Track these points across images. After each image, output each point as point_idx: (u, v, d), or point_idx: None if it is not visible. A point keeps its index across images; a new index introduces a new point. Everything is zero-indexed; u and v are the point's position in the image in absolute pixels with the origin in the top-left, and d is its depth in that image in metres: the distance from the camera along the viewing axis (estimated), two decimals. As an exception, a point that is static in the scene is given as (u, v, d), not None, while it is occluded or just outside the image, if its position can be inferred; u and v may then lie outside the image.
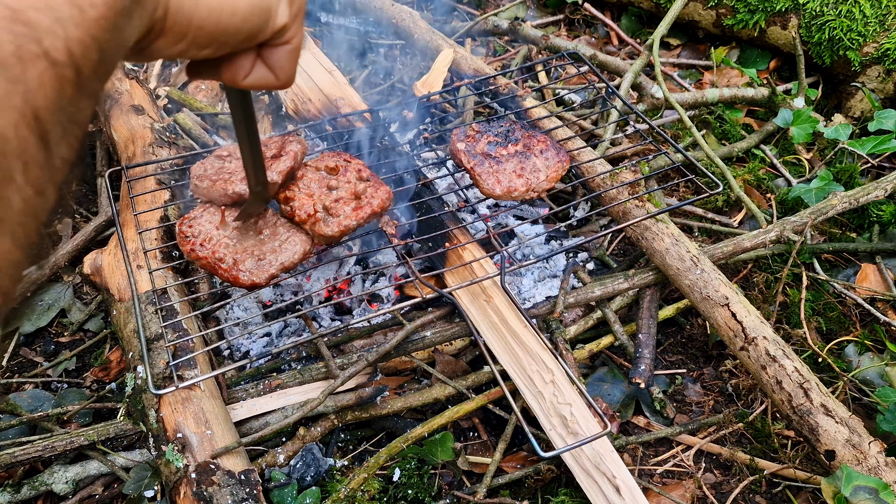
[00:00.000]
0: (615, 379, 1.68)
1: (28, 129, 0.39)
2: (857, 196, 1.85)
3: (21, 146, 0.39)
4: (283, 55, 0.67)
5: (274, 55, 0.67)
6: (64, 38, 0.41)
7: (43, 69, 0.40)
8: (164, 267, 1.62)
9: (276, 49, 0.66)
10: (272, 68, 0.68)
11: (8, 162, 0.38)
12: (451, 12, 3.00)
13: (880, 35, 2.30)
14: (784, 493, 1.49)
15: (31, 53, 0.39)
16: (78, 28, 0.42)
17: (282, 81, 0.69)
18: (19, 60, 0.39)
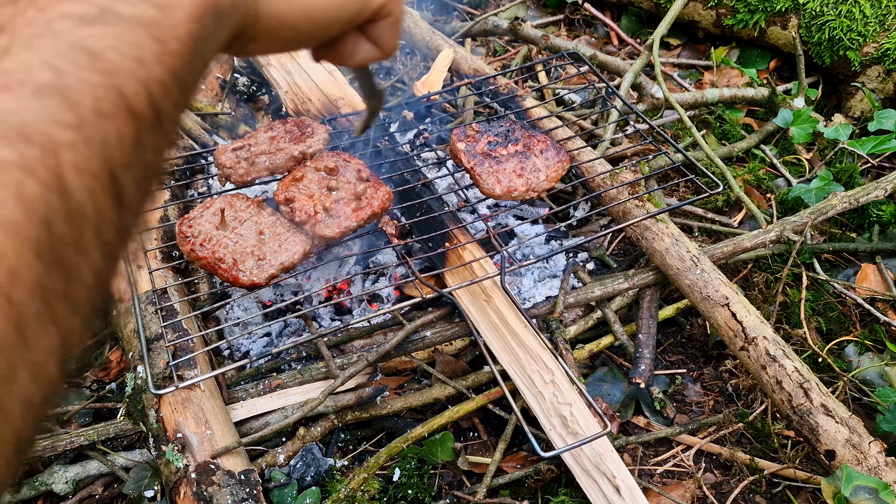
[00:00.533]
0: (615, 379, 1.68)
1: (105, 193, 0.34)
2: (857, 196, 1.85)
3: (97, 214, 0.34)
4: (385, 29, 0.64)
5: (376, 31, 0.64)
6: (145, 81, 0.37)
7: (123, 121, 0.35)
8: (164, 267, 1.62)
9: (377, 24, 0.64)
10: (376, 43, 0.65)
11: (84, 236, 0.33)
12: (451, 12, 3.00)
13: (880, 35, 2.30)
14: (784, 493, 1.49)
15: (111, 106, 0.35)
16: (160, 65, 0.38)
17: (387, 53, 0.67)
18: (99, 116, 0.34)
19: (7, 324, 0.29)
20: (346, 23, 0.57)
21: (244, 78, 2.53)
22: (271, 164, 1.57)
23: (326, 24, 0.55)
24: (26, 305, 0.30)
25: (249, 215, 1.49)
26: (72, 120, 0.33)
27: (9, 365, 0.29)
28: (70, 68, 0.34)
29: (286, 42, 0.53)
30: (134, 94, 0.36)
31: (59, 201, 0.32)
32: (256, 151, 1.59)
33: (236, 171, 1.56)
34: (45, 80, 0.33)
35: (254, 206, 1.52)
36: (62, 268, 0.32)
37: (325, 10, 0.53)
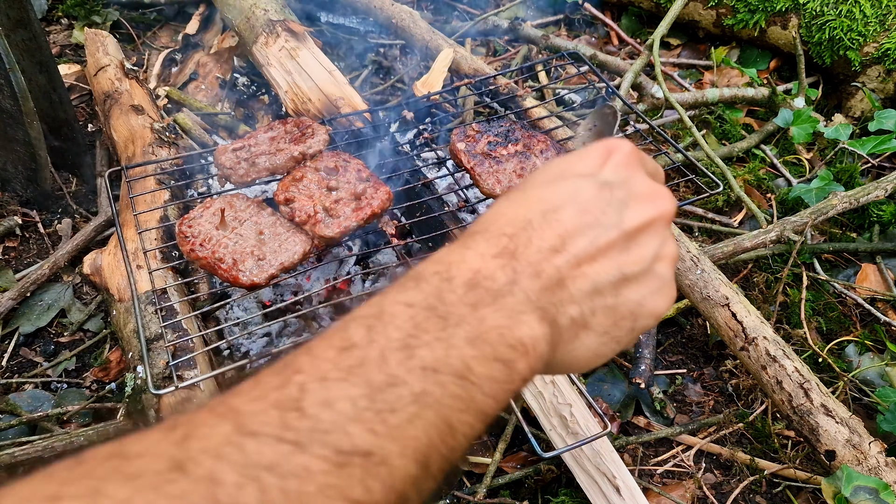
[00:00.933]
0: (615, 379, 1.68)
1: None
2: (857, 196, 1.85)
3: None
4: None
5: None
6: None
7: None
8: (164, 267, 1.61)
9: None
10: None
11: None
12: (451, 12, 3.00)
13: (880, 35, 2.30)
14: (784, 493, 1.49)
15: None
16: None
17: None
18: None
19: None
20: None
21: (244, 78, 2.53)
22: (271, 165, 1.57)
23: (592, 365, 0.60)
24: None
25: (249, 215, 1.49)
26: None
27: None
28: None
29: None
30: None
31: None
32: (256, 152, 1.59)
33: (236, 171, 1.56)
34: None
35: (254, 207, 1.51)
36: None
37: (595, 362, 0.58)
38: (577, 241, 0.53)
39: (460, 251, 0.52)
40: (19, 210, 2.10)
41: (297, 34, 2.22)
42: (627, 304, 0.55)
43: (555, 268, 0.52)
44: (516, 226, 0.54)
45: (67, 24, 2.84)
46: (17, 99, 1.88)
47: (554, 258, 0.52)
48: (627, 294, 0.55)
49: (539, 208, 0.55)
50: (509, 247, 0.52)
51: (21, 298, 1.84)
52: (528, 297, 0.50)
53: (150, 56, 2.71)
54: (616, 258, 0.55)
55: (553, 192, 0.56)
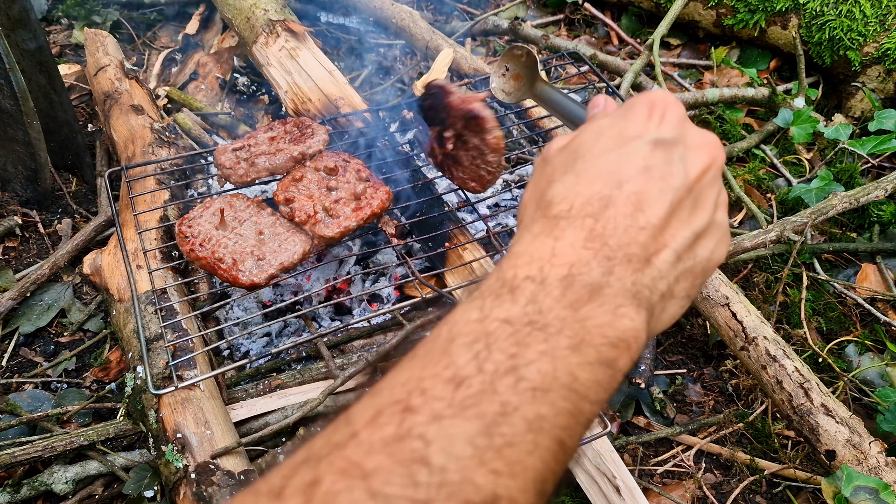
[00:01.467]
0: (615, 379, 1.67)
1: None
2: (857, 196, 1.85)
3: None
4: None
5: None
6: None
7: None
8: (164, 267, 1.61)
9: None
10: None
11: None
12: (451, 12, 3.00)
13: (880, 35, 2.30)
14: (784, 493, 1.49)
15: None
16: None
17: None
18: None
19: None
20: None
21: (244, 78, 2.53)
22: (271, 165, 1.57)
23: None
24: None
25: (249, 215, 1.49)
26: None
27: None
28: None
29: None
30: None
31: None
32: (256, 152, 1.59)
33: (236, 171, 1.56)
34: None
35: (253, 207, 1.51)
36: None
37: (670, 325, 0.59)
38: (654, 211, 0.53)
39: (549, 243, 0.52)
40: (19, 210, 2.10)
41: (297, 34, 2.22)
42: (700, 262, 0.56)
43: (641, 245, 0.52)
44: (597, 205, 0.53)
45: (67, 24, 2.84)
46: (17, 99, 1.88)
47: (639, 235, 0.52)
48: (699, 251, 0.56)
49: (613, 181, 0.54)
50: (596, 229, 0.52)
51: (21, 298, 1.84)
52: (624, 286, 0.50)
53: (150, 56, 2.71)
54: (687, 218, 0.55)
55: (619, 162, 0.55)
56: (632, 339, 0.49)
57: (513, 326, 0.46)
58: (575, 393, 0.45)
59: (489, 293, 0.50)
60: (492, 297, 0.49)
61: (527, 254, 0.52)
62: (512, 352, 0.45)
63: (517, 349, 0.45)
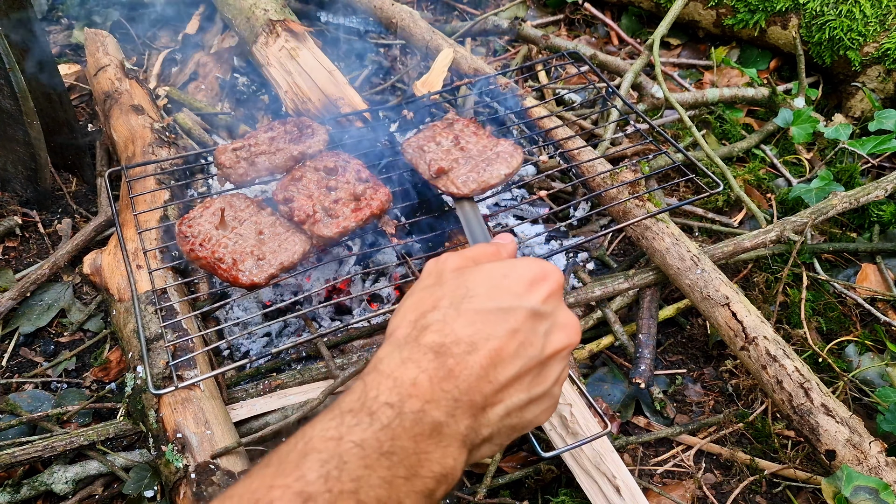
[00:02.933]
0: (615, 379, 1.68)
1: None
2: (857, 196, 1.85)
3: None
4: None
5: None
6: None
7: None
8: (164, 267, 1.61)
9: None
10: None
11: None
12: (451, 12, 3.00)
13: (880, 35, 2.30)
14: (784, 493, 1.49)
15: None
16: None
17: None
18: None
19: None
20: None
21: (244, 78, 2.53)
22: (271, 165, 1.57)
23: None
24: None
25: (249, 215, 1.49)
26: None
27: None
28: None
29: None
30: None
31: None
32: (256, 151, 1.59)
33: (236, 171, 1.56)
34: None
35: (253, 206, 1.51)
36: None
37: (479, 459, 0.69)
38: (506, 371, 0.62)
39: (413, 372, 0.59)
40: (19, 210, 2.10)
41: (297, 34, 2.22)
42: (523, 422, 0.65)
43: (483, 396, 0.60)
44: (464, 348, 0.61)
45: (67, 24, 2.84)
46: (17, 99, 1.88)
47: (485, 387, 0.61)
48: (526, 414, 0.65)
49: (485, 332, 0.62)
50: (455, 372, 0.60)
51: (21, 298, 1.84)
52: (459, 429, 0.59)
53: (150, 56, 2.71)
54: (529, 384, 0.64)
55: (496, 317, 0.63)
56: (450, 474, 0.58)
57: (364, 451, 0.54)
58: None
59: (349, 410, 0.57)
60: (351, 415, 0.57)
61: (392, 377, 0.59)
62: (358, 475, 0.53)
63: (363, 472, 0.53)
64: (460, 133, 1.65)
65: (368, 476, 0.53)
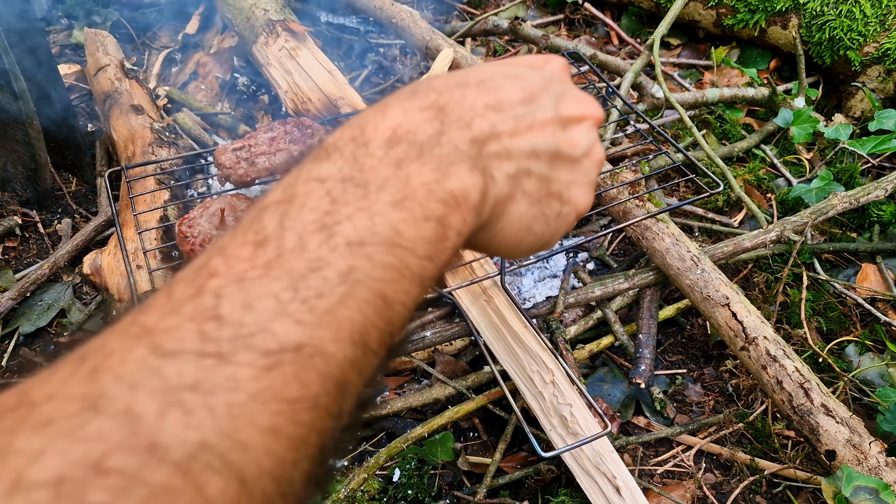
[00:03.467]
0: (615, 379, 1.68)
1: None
2: (857, 196, 1.85)
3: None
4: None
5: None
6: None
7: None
8: (164, 267, 1.61)
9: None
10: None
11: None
12: (451, 12, 3.00)
13: (881, 35, 2.30)
14: (784, 493, 1.49)
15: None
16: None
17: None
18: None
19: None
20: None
21: (244, 78, 2.53)
22: (271, 165, 1.57)
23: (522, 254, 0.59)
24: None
25: (249, 215, 1.49)
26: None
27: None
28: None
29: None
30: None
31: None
32: (256, 152, 1.59)
33: (236, 171, 1.56)
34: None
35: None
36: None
37: (526, 240, 0.56)
38: (516, 108, 0.50)
39: (380, 111, 0.48)
40: (19, 210, 2.10)
41: (297, 34, 2.22)
42: (558, 182, 0.53)
43: (490, 123, 0.48)
44: (448, 85, 0.50)
45: (67, 23, 2.84)
46: (17, 99, 1.88)
47: (490, 114, 0.49)
48: (560, 172, 0.53)
49: (476, 78, 0.51)
50: (438, 101, 0.48)
51: (21, 298, 1.84)
52: (457, 147, 0.46)
53: (150, 56, 2.71)
54: (553, 133, 0.52)
55: (494, 70, 0.53)
56: (461, 196, 0.45)
57: (327, 184, 0.43)
58: (398, 247, 0.42)
59: (309, 159, 0.46)
60: (310, 161, 0.45)
61: (354, 121, 0.48)
62: (325, 208, 0.42)
63: (331, 206, 0.42)
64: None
65: (339, 208, 0.42)
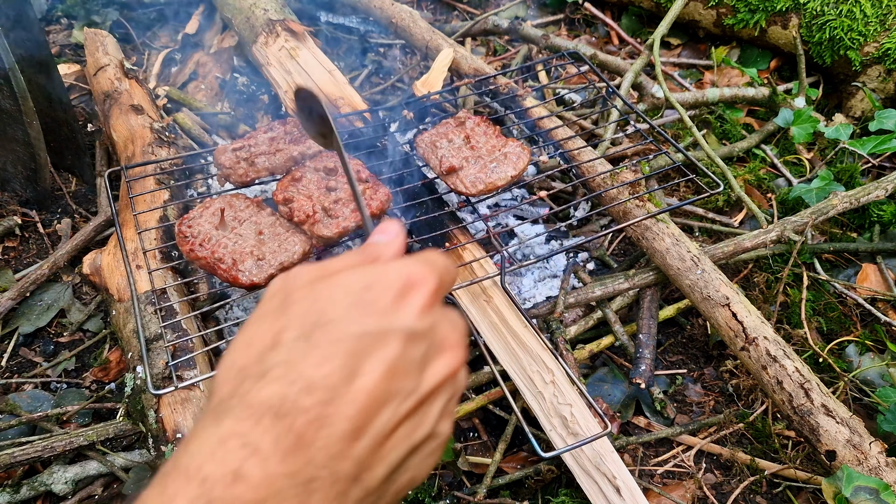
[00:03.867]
0: (615, 379, 1.67)
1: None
2: (857, 196, 1.85)
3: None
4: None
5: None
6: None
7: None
8: (164, 267, 1.61)
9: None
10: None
11: None
12: (451, 12, 3.00)
13: (881, 35, 2.30)
14: (785, 493, 1.49)
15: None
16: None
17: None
18: None
19: None
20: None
21: (244, 78, 2.53)
22: (270, 165, 1.57)
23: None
24: None
25: (249, 215, 1.49)
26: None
27: None
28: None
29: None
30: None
31: None
32: (256, 152, 1.59)
33: (236, 171, 1.56)
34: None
35: (253, 207, 1.51)
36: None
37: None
38: (381, 417, 0.46)
39: (238, 456, 0.42)
40: (19, 210, 2.09)
41: (297, 34, 2.22)
42: (404, 480, 0.50)
43: (355, 461, 0.45)
44: (318, 391, 0.44)
45: (67, 23, 2.84)
46: (16, 99, 1.88)
47: (355, 447, 0.45)
48: (410, 466, 0.50)
49: (347, 368, 0.46)
50: (307, 435, 0.43)
51: (21, 298, 1.84)
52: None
53: (150, 56, 2.71)
54: (410, 429, 0.49)
55: (358, 345, 0.47)
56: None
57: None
58: None
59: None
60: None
61: (198, 478, 0.42)
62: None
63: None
64: (471, 131, 1.67)
65: None
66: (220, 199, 1.52)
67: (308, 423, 0.43)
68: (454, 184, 1.58)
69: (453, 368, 0.52)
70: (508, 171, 1.59)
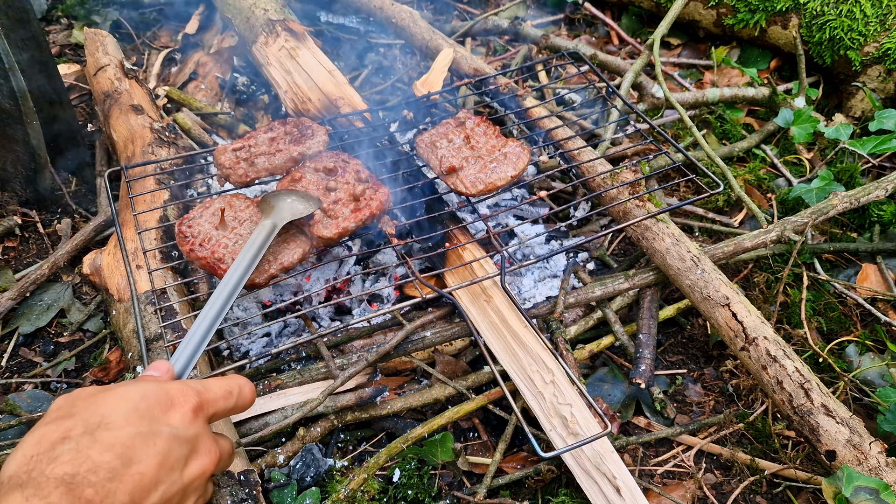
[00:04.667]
0: (615, 379, 1.67)
1: None
2: (857, 196, 1.85)
3: None
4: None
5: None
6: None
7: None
8: (164, 267, 1.61)
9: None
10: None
11: None
12: (451, 12, 3.00)
13: (881, 35, 2.30)
14: (785, 493, 1.49)
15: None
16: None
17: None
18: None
19: None
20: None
21: (244, 78, 2.53)
22: (270, 165, 1.57)
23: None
24: None
25: (249, 215, 1.49)
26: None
27: None
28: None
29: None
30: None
31: None
32: (256, 152, 1.59)
33: (236, 171, 1.56)
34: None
35: (253, 207, 1.51)
36: None
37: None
38: (152, 495, 0.61)
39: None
40: (19, 210, 2.10)
41: (297, 34, 2.22)
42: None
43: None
44: (102, 471, 0.57)
45: (67, 23, 2.84)
46: (16, 99, 1.88)
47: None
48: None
49: (126, 456, 0.60)
50: (94, 502, 0.56)
51: (20, 298, 1.84)
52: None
53: (149, 56, 2.71)
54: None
55: (135, 440, 0.61)
56: None
57: None
58: None
59: None
60: None
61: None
62: None
63: None
64: (471, 132, 1.67)
65: None
66: (220, 199, 1.52)
67: (95, 494, 0.56)
68: (454, 184, 1.58)
69: (206, 468, 0.68)
70: (508, 171, 1.59)
